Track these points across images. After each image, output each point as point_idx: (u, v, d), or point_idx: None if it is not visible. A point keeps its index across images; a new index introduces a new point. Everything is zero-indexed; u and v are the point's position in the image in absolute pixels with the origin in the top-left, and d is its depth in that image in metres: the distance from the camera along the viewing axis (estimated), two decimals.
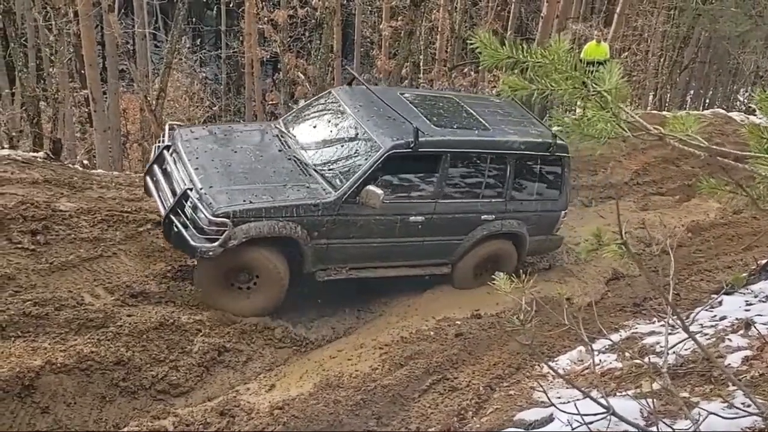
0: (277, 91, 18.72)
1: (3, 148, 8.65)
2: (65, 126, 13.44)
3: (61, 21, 10.98)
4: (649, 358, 5.23)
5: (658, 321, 6.84)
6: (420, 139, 7.16)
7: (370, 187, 6.93)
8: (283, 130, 7.95)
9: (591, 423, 2.98)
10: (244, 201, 6.58)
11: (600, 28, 17.80)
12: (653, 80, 22.80)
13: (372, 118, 7.50)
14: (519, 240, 8.33)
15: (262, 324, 6.90)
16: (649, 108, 19.77)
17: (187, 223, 6.51)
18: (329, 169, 7.23)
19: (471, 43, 2.30)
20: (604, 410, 2.77)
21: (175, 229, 6.51)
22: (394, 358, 6.56)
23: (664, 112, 16.88)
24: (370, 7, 23.21)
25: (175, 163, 7.16)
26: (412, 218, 7.38)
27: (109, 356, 5.84)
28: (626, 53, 20.77)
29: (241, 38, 21.18)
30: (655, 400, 4.23)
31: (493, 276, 2.89)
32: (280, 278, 6.91)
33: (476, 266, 8.18)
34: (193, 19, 25.84)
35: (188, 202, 6.56)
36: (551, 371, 6.04)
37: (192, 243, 6.40)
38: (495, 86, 16.90)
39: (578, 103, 2.28)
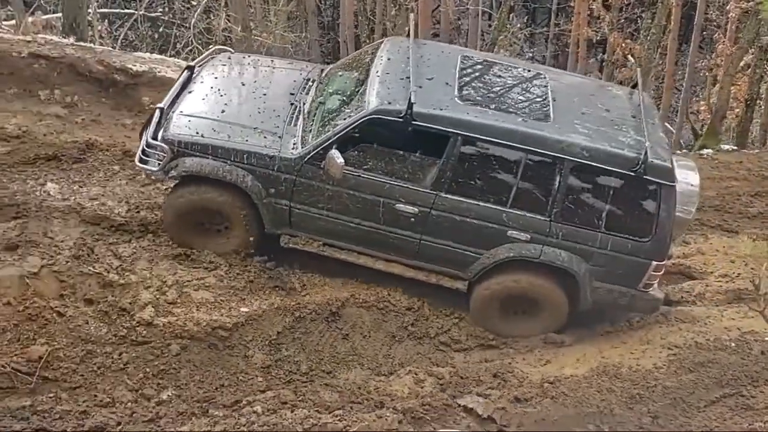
0: (599, 72, 18.15)
1: None
2: None
3: None
4: None
5: None
6: (416, 109, 5.83)
7: (333, 153, 5.84)
8: (321, 74, 7.09)
9: None
10: (197, 133, 6.16)
11: None
12: None
13: (387, 75, 6.26)
14: (571, 280, 6.30)
15: None
16: None
17: (149, 142, 6.21)
18: (318, 124, 6.29)
19: None
20: None
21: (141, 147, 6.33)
22: (683, 361, 6.16)
23: None
24: None
25: (184, 84, 6.82)
26: (399, 206, 6.08)
27: (403, 301, 6.45)
28: None
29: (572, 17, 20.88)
30: None
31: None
32: (247, 229, 6.32)
33: (503, 301, 6.40)
34: None
35: (158, 121, 6.29)
36: None
37: (138, 162, 6.23)
38: None
39: None
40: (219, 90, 6.68)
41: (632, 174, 5.96)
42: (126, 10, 19.16)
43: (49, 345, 5.32)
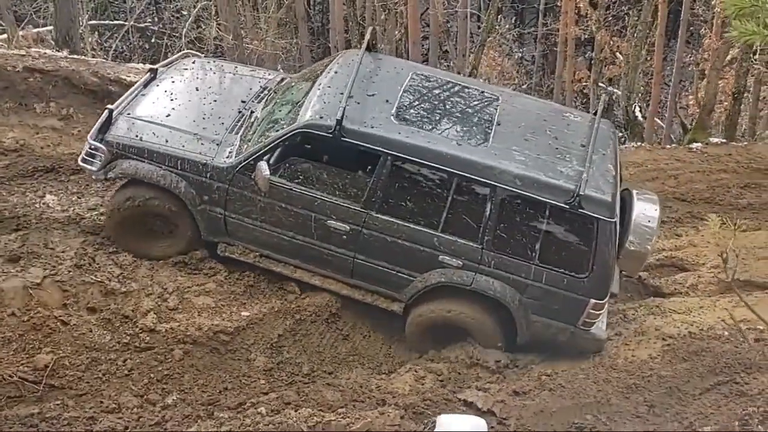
0: (587, 70, 18.29)
1: None
2: None
3: (392, 2, 12.19)
4: None
5: None
6: (346, 125, 5.75)
7: (260, 164, 5.81)
8: (279, 83, 7.03)
9: None
10: (136, 136, 6.18)
11: None
12: None
13: (329, 89, 6.14)
14: (504, 312, 6.03)
15: None
16: None
17: (89, 142, 6.24)
18: (258, 134, 6.20)
19: None
20: None
21: None
22: (677, 351, 6.26)
23: None
24: None
25: (143, 85, 6.85)
26: (331, 222, 5.95)
27: None
28: None
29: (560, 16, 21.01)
30: None
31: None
32: (188, 234, 6.32)
33: (436, 328, 6.18)
34: None
35: (104, 122, 6.28)
36: None
37: (80, 161, 6.30)
38: None
39: None
40: (171, 94, 6.66)
41: (566, 206, 5.70)
42: (116, 22, 19.26)
43: (54, 354, 5.40)
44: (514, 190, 5.76)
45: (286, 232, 6.12)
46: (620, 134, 17.60)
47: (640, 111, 18.00)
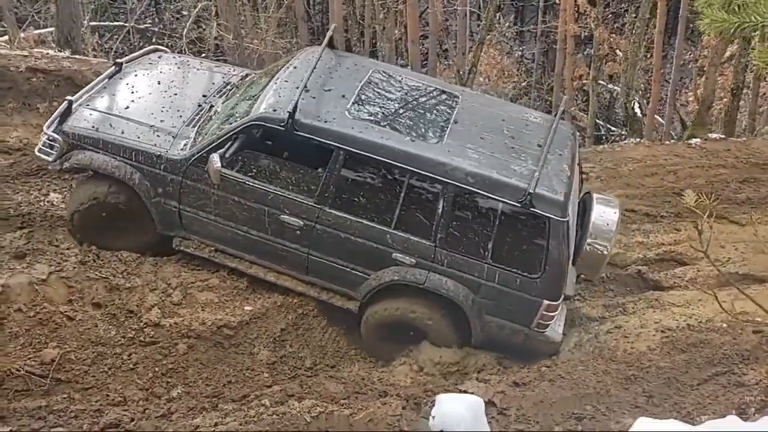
0: (587, 67, 18.34)
1: None
2: None
3: (391, 1, 12.26)
4: None
5: None
6: (299, 119, 5.72)
7: (212, 156, 5.73)
8: (241, 77, 7.03)
9: None
10: (92, 127, 6.17)
11: None
12: None
13: (285, 83, 6.11)
14: (459, 312, 5.96)
15: None
16: None
17: (45, 132, 6.24)
18: (214, 127, 6.16)
19: None
20: None
21: None
22: (675, 342, 6.33)
23: None
24: None
25: (107, 78, 6.83)
26: (284, 217, 5.91)
27: None
28: None
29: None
30: None
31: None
32: (149, 226, 6.28)
33: (391, 328, 6.11)
34: None
35: (62, 113, 6.27)
36: None
37: (36, 151, 6.31)
38: None
39: None
40: (133, 87, 6.66)
41: (518, 205, 5.65)
42: (117, 23, 19.33)
43: (60, 348, 5.46)
44: (466, 187, 5.70)
45: (240, 227, 6.09)
46: (622, 132, 17.71)
47: (640, 108, 18.05)
